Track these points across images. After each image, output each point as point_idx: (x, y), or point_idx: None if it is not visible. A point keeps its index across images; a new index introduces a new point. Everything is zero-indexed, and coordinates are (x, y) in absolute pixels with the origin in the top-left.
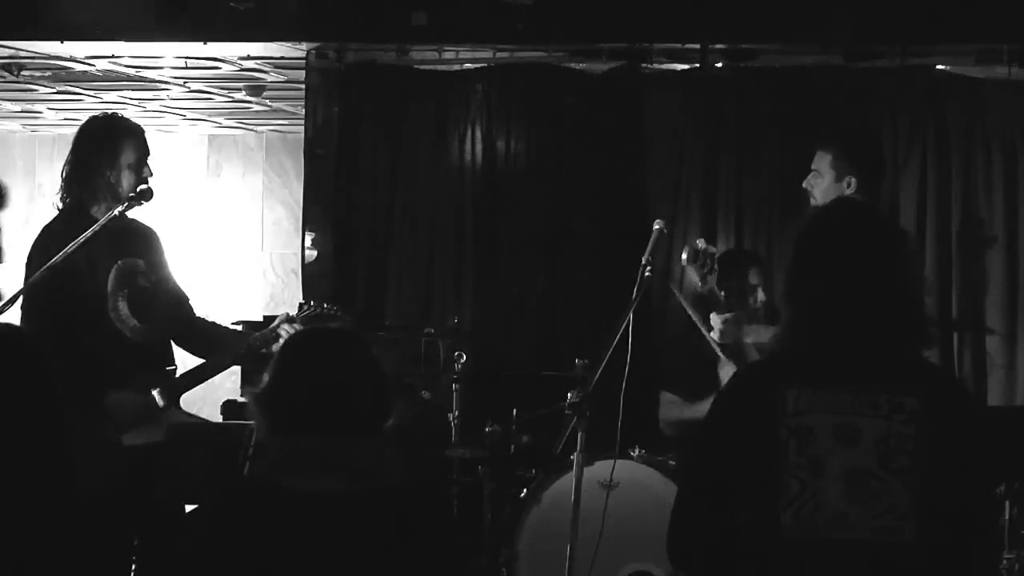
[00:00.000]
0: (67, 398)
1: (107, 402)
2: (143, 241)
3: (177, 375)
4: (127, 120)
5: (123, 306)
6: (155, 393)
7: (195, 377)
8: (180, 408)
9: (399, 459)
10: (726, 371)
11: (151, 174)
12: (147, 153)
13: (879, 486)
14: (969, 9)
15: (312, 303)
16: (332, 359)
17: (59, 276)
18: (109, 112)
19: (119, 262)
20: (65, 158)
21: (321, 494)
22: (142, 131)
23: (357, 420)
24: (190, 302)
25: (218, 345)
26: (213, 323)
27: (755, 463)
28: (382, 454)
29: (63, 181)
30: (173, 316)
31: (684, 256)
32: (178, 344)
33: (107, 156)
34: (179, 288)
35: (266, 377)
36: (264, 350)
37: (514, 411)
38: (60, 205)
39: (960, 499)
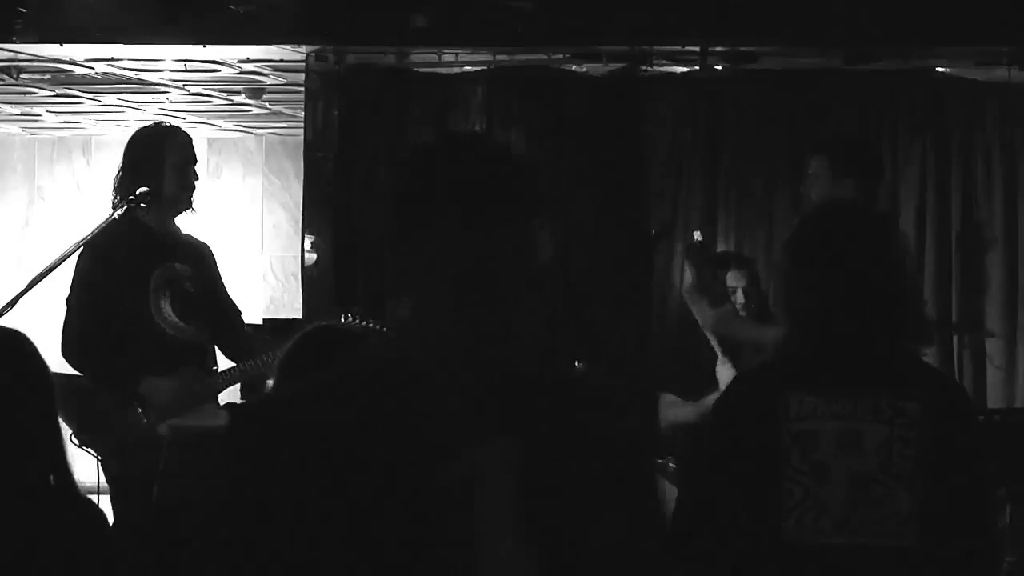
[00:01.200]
0: (105, 389)
1: (141, 389)
2: (194, 253)
3: (216, 375)
4: (172, 126)
5: (166, 306)
6: (189, 387)
7: (231, 377)
8: (217, 405)
9: None
10: (724, 370)
11: (197, 178)
12: (191, 158)
13: (882, 491)
14: (969, 12)
15: (349, 316)
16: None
17: (103, 276)
18: (159, 123)
19: (162, 265)
20: (118, 167)
21: None
22: (188, 137)
23: None
24: (240, 315)
25: (258, 352)
26: (260, 336)
27: (757, 468)
28: None
29: (114, 189)
30: (220, 324)
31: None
32: (222, 349)
33: (152, 162)
34: (231, 300)
35: (271, 383)
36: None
37: None
38: (110, 212)
39: (962, 503)
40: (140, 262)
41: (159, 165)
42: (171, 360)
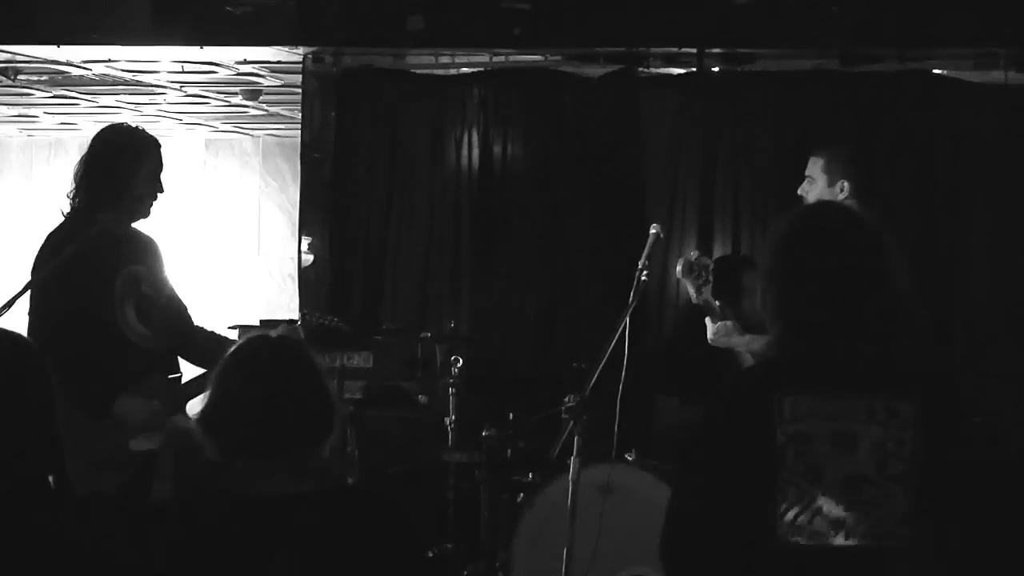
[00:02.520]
0: (76, 403)
1: (114, 407)
2: (143, 249)
3: (182, 383)
4: (147, 133)
5: (131, 313)
6: (160, 400)
7: (199, 385)
8: (186, 415)
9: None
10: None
11: (162, 189)
12: (162, 168)
13: (876, 492)
14: (965, 14)
15: (313, 313)
16: (275, 377)
17: (64, 282)
18: (130, 124)
19: (125, 269)
20: (79, 163)
21: (287, 496)
22: (160, 146)
23: (305, 437)
24: (188, 312)
25: (218, 355)
26: (213, 333)
27: (752, 470)
28: (331, 456)
29: (75, 186)
30: (172, 325)
31: (679, 268)
32: (178, 353)
33: (125, 167)
34: (178, 298)
35: (208, 396)
36: None
37: (510, 415)
38: (67, 210)
39: (957, 504)
40: (103, 269)
41: (131, 173)
42: (138, 369)
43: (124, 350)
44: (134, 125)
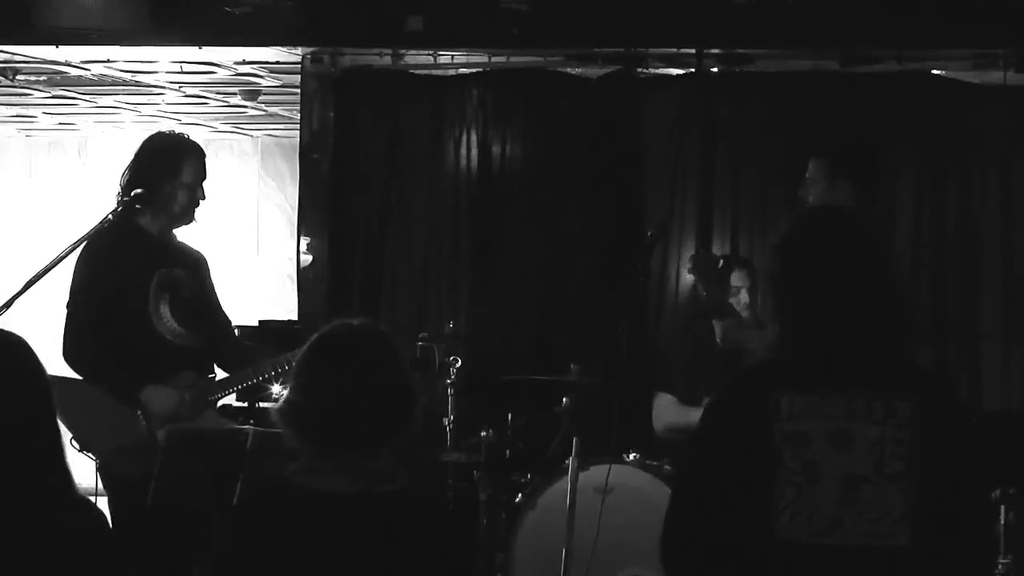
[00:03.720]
0: (109, 392)
1: (142, 395)
2: (190, 261)
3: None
4: (192, 140)
5: (165, 311)
6: (189, 394)
7: (229, 383)
8: (216, 411)
9: (404, 462)
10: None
11: (204, 196)
12: (205, 175)
13: (874, 491)
14: (965, 15)
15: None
16: (361, 366)
17: (104, 279)
18: (176, 131)
19: (162, 269)
20: (125, 168)
21: (338, 495)
22: (204, 154)
23: (382, 432)
24: (231, 326)
25: (251, 362)
26: (252, 345)
27: (750, 469)
28: (396, 457)
29: (120, 191)
30: (214, 332)
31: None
32: (214, 359)
33: (168, 172)
34: (223, 312)
35: (292, 387)
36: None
37: (509, 416)
38: (112, 215)
39: (955, 503)
40: (140, 267)
41: (174, 179)
42: (170, 365)
43: (156, 344)
44: (179, 132)
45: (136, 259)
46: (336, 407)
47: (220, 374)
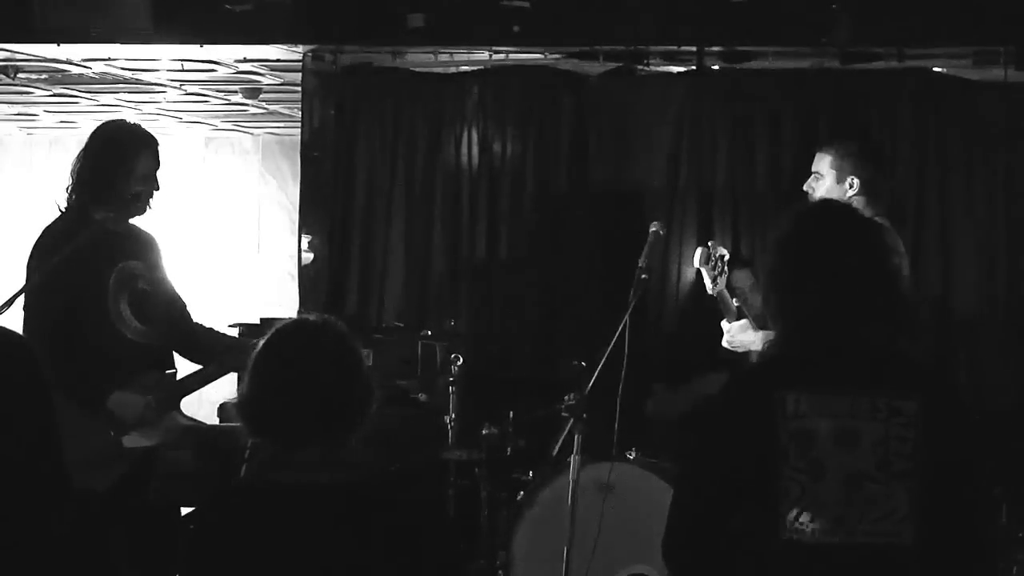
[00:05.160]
0: (71, 399)
1: (109, 403)
2: (142, 246)
3: (177, 379)
4: (145, 130)
5: (125, 308)
6: (154, 396)
7: (194, 381)
8: (180, 411)
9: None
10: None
11: (158, 187)
12: (159, 165)
13: (878, 490)
14: (965, 12)
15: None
16: (310, 362)
17: (60, 279)
18: (128, 120)
19: (120, 265)
20: (76, 159)
21: (310, 486)
22: (157, 143)
23: (341, 422)
24: (187, 309)
25: (216, 352)
26: (211, 330)
27: (755, 466)
28: (364, 446)
29: (72, 182)
30: (171, 321)
31: (696, 257)
32: (176, 350)
33: (122, 164)
34: (177, 295)
35: (245, 383)
36: None
37: (510, 414)
38: (64, 206)
39: (958, 502)
40: (98, 263)
41: (129, 170)
42: (133, 365)
43: (119, 346)
44: (132, 122)
45: (93, 256)
46: (285, 403)
47: (183, 366)
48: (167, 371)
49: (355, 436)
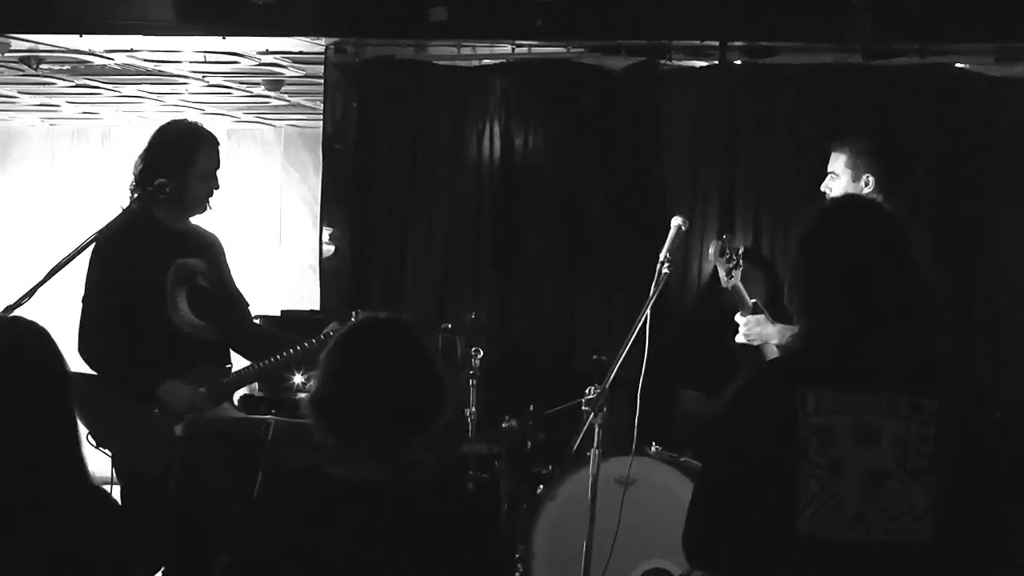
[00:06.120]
0: (125, 387)
1: (159, 391)
2: (204, 245)
3: (231, 373)
4: (206, 129)
5: (182, 302)
6: (204, 390)
7: (245, 377)
8: (232, 404)
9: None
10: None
11: (218, 186)
12: (219, 164)
13: (897, 487)
14: (988, 8)
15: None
16: (393, 362)
17: (119, 272)
18: (190, 119)
19: (179, 261)
20: (138, 157)
21: (366, 482)
22: (218, 142)
23: (413, 421)
24: (249, 309)
25: (273, 351)
26: (271, 330)
27: (774, 462)
28: (425, 448)
29: (134, 180)
30: (230, 320)
31: (711, 251)
32: (234, 347)
33: (183, 161)
34: (240, 295)
35: (320, 381)
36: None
37: (531, 407)
38: (125, 204)
39: (978, 501)
40: (156, 259)
41: (187, 168)
42: (187, 358)
43: (174, 338)
44: (193, 120)
45: (152, 251)
46: (369, 396)
47: (238, 362)
48: (225, 366)
49: (430, 431)
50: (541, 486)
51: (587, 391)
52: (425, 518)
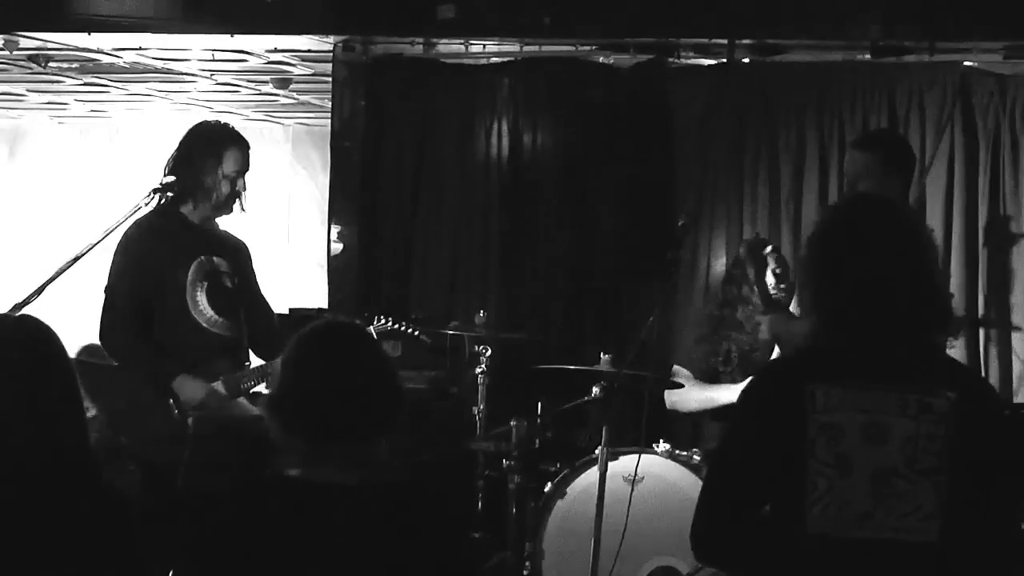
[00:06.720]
0: (142, 378)
1: (174, 383)
2: (231, 248)
3: (249, 370)
4: (235, 131)
5: (202, 298)
6: (220, 383)
7: (261, 374)
8: (247, 401)
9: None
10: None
11: (245, 188)
12: (247, 167)
13: (906, 486)
14: (996, 6)
15: (384, 317)
16: (344, 362)
17: (142, 267)
18: (220, 121)
19: (200, 258)
20: (170, 155)
21: (338, 486)
22: (248, 145)
23: (372, 423)
24: (272, 312)
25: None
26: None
27: (783, 459)
28: (391, 449)
29: (163, 179)
30: (258, 322)
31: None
32: (256, 349)
33: (211, 161)
34: (266, 301)
35: (278, 381)
36: None
37: (539, 405)
38: (154, 201)
39: (986, 501)
40: (179, 254)
41: (216, 169)
42: (204, 353)
43: (192, 333)
44: (223, 122)
45: (175, 246)
46: (331, 399)
47: (256, 361)
48: (240, 363)
49: (384, 437)
50: (549, 484)
51: (595, 389)
52: (397, 520)
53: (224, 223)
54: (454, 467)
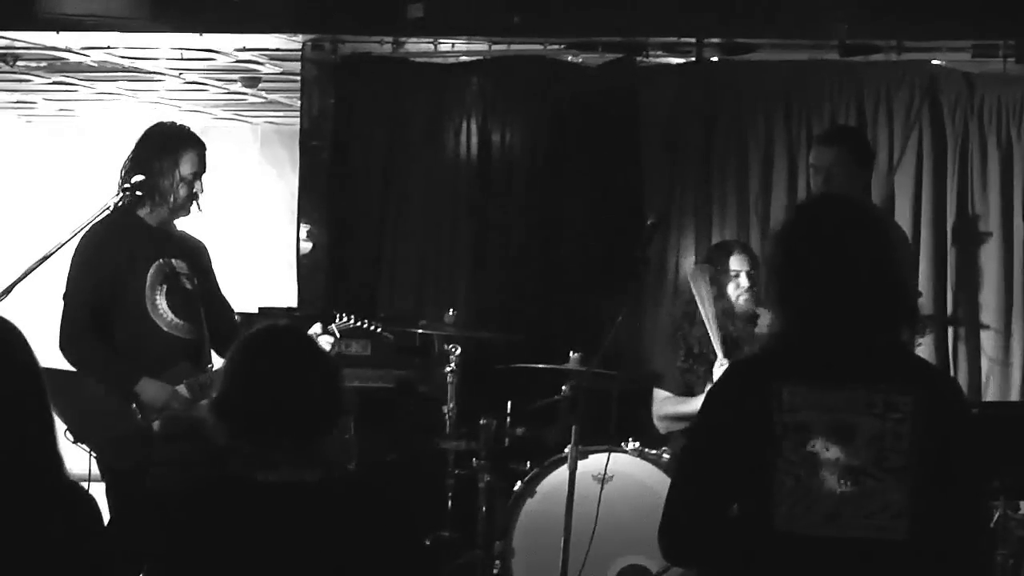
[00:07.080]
0: (102, 382)
1: (136, 388)
2: (189, 249)
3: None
4: (192, 132)
5: (161, 301)
6: (183, 386)
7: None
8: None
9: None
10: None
11: (203, 190)
12: (204, 169)
13: (873, 485)
14: (965, 5)
15: (347, 315)
16: (286, 363)
17: (100, 270)
18: (176, 122)
19: (159, 261)
20: (125, 159)
21: (295, 484)
22: (204, 147)
23: (317, 421)
24: (233, 314)
25: None
26: None
27: (749, 458)
28: (339, 444)
29: (120, 181)
30: (219, 324)
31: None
32: (219, 350)
33: (168, 163)
34: (227, 301)
35: (222, 384)
36: None
37: (509, 404)
38: (107, 203)
39: (954, 498)
40: (138, 257)
41: (172, 172)
42: (166, 357)
43: (152, 336)
44: (179, 123)
45: (133, 249)
46: (273, 401)
47: (219, 363)
48: (203, 365)
49: (327, 436)
50: (519, 483)
51: (564, 388)
52: (349, 517)
53: (192, 223)
54: (424, 466)
